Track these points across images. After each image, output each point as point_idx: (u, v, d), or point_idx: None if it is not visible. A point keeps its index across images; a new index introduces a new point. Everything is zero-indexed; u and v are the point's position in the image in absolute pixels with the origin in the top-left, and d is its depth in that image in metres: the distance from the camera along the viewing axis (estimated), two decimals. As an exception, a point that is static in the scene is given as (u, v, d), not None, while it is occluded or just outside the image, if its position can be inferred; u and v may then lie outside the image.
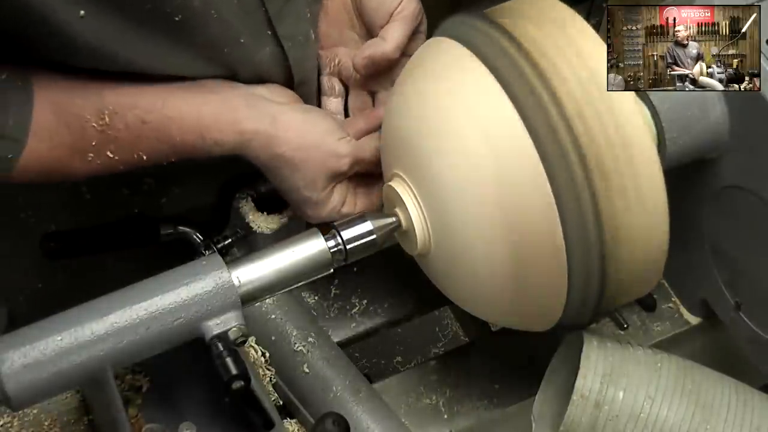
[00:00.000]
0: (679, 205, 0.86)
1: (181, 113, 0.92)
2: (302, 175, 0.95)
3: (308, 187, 0.96)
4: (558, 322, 0.91)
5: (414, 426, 1.05)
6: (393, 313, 1.18)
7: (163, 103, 0.92)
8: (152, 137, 0.92)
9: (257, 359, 1.03)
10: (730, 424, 0.90)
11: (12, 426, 0.98)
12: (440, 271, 0.95)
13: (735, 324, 1.04)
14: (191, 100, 0.93)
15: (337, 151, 0.96)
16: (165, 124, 0.92)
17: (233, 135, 0.93)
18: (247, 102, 0.95)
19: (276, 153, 0.94)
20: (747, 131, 0.93)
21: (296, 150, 0.94)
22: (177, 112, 0.92)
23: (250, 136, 0.93)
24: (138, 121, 0.91)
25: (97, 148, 0.91)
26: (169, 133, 0.92)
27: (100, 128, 0.90)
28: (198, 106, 0.93)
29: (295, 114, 0.96)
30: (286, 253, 0.88)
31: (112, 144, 0.91)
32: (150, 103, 0.91)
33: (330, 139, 0.96)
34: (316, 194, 0.96)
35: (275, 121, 0.94)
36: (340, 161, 0.96)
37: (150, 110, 0.91)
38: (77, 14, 0.83)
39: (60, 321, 0.81)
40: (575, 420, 0.91)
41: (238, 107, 0.94)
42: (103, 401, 0.85)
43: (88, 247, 1.05)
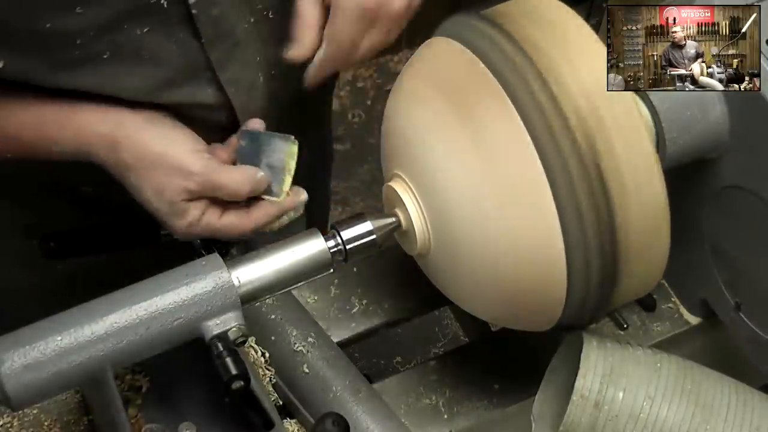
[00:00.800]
0: (679, 205, 0.86)
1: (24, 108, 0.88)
2: (148, 184, 0.89)
3: (156, 199, 0.89)
4: (558, 323, 0.91)
5: (414, 426, 1.05)
6: (393, 313, 1.18)
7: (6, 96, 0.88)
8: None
9: (257, 359, 1.03)
10: (730, 424, 0.90)
11: (12, 426, 0.98)
12: (440, 271, 0.95)
13: (735, 324, 1.04)
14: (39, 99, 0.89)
15: (184, 167, 0.88)
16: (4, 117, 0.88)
17: (72, 134, 0.89)
18: (96, 106, 0.90)
19: (120, 158, 0.88)
20: (747, 131, 0.93)
21: (139, 159, 0.88)
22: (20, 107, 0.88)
23: (90, 138, 0.89)
24: None
25: None
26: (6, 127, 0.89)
27: None
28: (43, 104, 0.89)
29: (145, 123, 0.90)
30: (286, 253, 0.88)
31: None
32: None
33: (178, 151, 0.89)
34: (167, 206, 0.89)
35: (120, 126, 0.89)
36: (187, 178, 0.88)
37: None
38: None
39: (60, 321, 0.81)
40: (575, 420, 0.91)
41: (83, 109, 0.89)
42: (103, 401, 0.85)
43: (88, 247, 1.05)
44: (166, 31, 0.86)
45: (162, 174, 0.88)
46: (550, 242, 0.84)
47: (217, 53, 0.91)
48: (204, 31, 0.88)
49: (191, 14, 0.86)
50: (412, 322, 1.24)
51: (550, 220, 0.83)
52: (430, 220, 0.91)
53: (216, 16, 0.88)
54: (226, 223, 0.90)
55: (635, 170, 0.84)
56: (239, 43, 0.91)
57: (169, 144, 0.89)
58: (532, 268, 0.85)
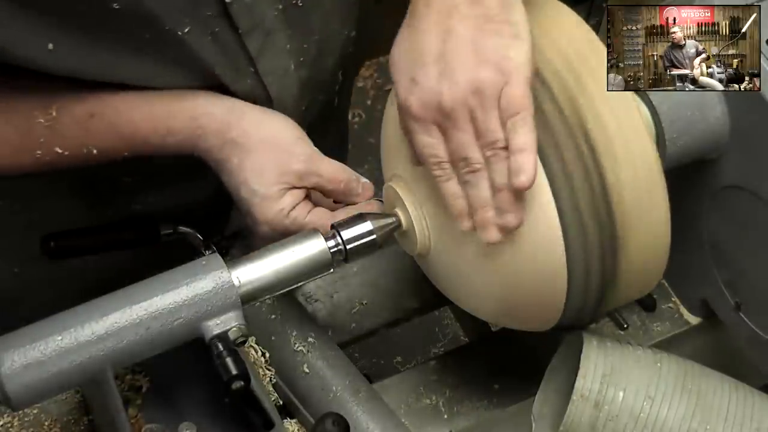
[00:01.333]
0: (679, 205, 0.86)
1: (132, 104, 0.90)
2: (251, 164, 0.90)
3: (256, 179, 0.90)
4: (558, 323, 0.91)
5: (414, 426, 1.05)
6: (393, 313, 1.18)
7: (112, 95, 0.90)
8: (101, 130, 0.90)
9: (257, 359, 1.03)
10: (730, 424, 0.90)
11: (12, 426, 0.98)
12: (440, 271, 0.95)
13: (735, 324, 1.04)
14: (144, 93, 0.90)
15: (292, 148, 0.91)
16: (114, 116, 0.90)
17: (186, 120, 0.90)
18: (204, 92, 0.92)
19: (228, 138, 0.90)
20: (747, 131, 0.93)
21: (248, 137, 0.90)
22: (127, 104, 0.90)
23: (203, 121, 0.90)
24: (86, 114, 0.89)
25: (45, 145, 0.89)
26: (119, 126, 0.90)
27: (48, 123, 0.88)
28: (151, 97, 0.90)
29: (255, 108, 0.93)
30: (286, 253, 0.88)
31: (60, 140, 0.89)
32: (100, 96, 0.89)
33: (286, 134, 0.92)
34: (264, 188, 0.90)
35: (232, 109, 0.91)
36: (292, 157, 0.91)
37: (99, 102, 0.89)
38: (46, 47, 0.82)
39: (60, 321, 0.81)
40: (575, 420, 0.91)
41: (193, 96, 0.91)
42: (103, 401, 0.85)
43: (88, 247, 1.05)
44: (203, 27, 0.87)
45: (269, 153, 0.90)
46: (550, 242, 0.83)
47: (254, 43, 0.91)
48: (240, 22, 0.88)
49: (225, 4, 0.86)
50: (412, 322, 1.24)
51: (551, 219, 0.83)
52: (430, 220, 0.91)
53: (249, 5, 0.87)
54: (312, 220, 0.92)
55: (635, 171, 0.84)
56: (270, 32, 0.91)
57: (278, 127, 0.92)
58: (532, 268, 0.85)
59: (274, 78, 0.95)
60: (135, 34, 0.84)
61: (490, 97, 0.79)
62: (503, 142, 0.79)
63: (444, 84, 0.79)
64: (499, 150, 0.79)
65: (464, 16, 0.79)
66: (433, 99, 0.79)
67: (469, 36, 0.79)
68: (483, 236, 0.83)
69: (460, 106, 0.79)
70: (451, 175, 0.82)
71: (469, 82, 0.78)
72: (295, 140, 0.92)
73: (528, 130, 0.79)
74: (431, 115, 0.80)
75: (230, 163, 0.91)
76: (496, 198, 0.81)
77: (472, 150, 0.80)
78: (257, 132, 0.91)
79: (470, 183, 0.81)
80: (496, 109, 0.79)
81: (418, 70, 0.80)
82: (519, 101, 0.78)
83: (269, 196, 0.90)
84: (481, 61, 0.78)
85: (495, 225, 0.82)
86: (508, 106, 0.79)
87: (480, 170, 0.81)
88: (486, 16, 0.79)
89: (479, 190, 0.81)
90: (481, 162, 0.80)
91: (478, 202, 0.82)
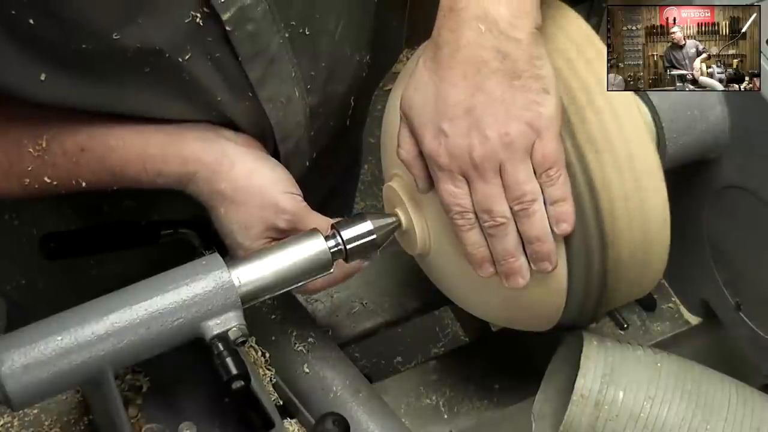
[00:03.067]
0: (679, 205, 0.86)
1: (125, 143, 0.90)
2: (237, 218, 0.91)
3: (241, 233, 0.92)
4: (558, 323, 0.91)
5: (414, 426, 1.05)
6: (393, 313, 1.18)
7: (107, 131, 0.90)
8: (92, 165, 0.90)
9: (257, 359, 1.03)
10: (730, 424, 0.90)
11: (12, 426, 0.98)
12: (440, 271, 0.95)
13: (735, 324, 1.04)
14: (139, 130, 0.91)
15: (278, 204, 0.91)
16: (106, 152, 0.90)
17: (177, 166, 0.91)
18: (199, 135, 0.92)
19: (216, 189, 0.91)
20: (747, 131, 0.93)
21: (236, 191, 0.91)
22: (120, 141, 0.90)
23: (194, 168, 0.91)
24: (77, 148, 0.89)
25: (33, 174, 0.90)
26: (110, 162, 0.90)
27: (37, 153, 0.89)
28: (146, 137, 0.90)
29: (247, 156, 0.92)
30: (286, 253, 0.87)
31: (50, 169, 0.90)
32: (92, 130, 0.89)
33: (275, 189, 0.92)
34: (248, 242, 0.92)
35: (223, 157, 0.91)
36: (278, 215, 0.91)
37: (91, 137, 0.89)
38: (37, 77, 0.82)
39: (60, 321, 0.81)
40: (575, 420, 0.91)
41: (187, 139, 0.91)
42: (103, 401, 0.85)
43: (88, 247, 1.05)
44: (203, 52, 0.86)
45: (254, 208, 0.91)
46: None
47: (256, 70, 0.90)
48: (240, 49, 0.87)
49: (226, 32, 0.86)
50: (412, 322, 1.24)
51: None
52: (430, 220, 0.91)
53: (251, 33, 0.87)
54: None
55: (636, 170, 0.84)
56: (274, 59, 0.90)
57: (268, 181, 0.92)
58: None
59: (275, 105, 0.94)
60: (134, 64, 0.84)
61: (520, 151, 0.79)
62: (533, 195, 0.80)
63: (474, 138, 0.79)
64: (527, 203, 0.81)
65: (493, 71, 0.79)
66: (463, 152, 0.80)
67: (499, 93, 0.79)
68: (509, 284, 0.84)
69: (490, 160, 0.79)
70: (474, 225, 0.83)
71: (500, 137, 0.79)
72: (283, 195, 0.92)
73: (563, 181, 0.80)
74: (459, 166, 0.81)
75: (217, 211, 0.92)
76: (530, 248, 0.82)
77: (497, 203, 0.81)
78: (246, 183, 0.91)
79: (495, 236, 0.83)
80: (525, 163, 0.80)
81: (446, 121, 0.80)
82: (552, 156, 0.80)
83: (253, 249, 0.91)
84: (512, 116, 0.79)
85: (520, 273, 0.84)
86: (542, 161, 0.80)
87: (504, 224, 0.82)
88: (515, 72, 0.79)
89: (504, 243, 0.83)
90: (505, 216, 0.81)
91: (502, 254, 0.83)
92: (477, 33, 0.79)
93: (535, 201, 0.81)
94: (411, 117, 0.83)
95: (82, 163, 0.90)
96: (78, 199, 1.00)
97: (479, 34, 0.79)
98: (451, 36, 0.79)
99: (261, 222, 0.91)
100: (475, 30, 0.79)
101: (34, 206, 1.07)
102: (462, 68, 0.79)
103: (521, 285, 0.84)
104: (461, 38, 0.79)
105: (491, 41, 0.78)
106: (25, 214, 1.09)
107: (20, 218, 1.09)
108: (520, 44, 0.78)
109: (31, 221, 1.08)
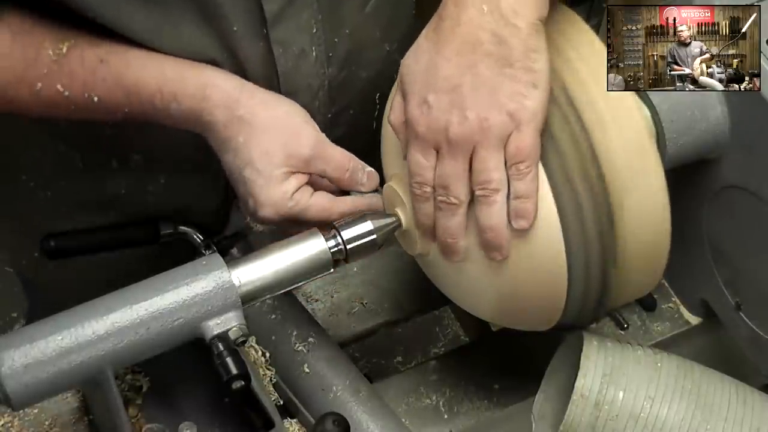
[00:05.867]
0: (679, 205, 0.86)
1: (144, 61, 0.89)
2: (258, 144, 0.90)
3: (263, 160, 0.90)
4: (558, 323, 0.91)
5: (414, 426, 1.05)
6: (393, 313, 1.18)
7: (127, 48, 0.89)
8: (107, 79, 0.89)
9: (257, 359, 1.03)
10: (730, 424, 0.90)
11: (12, 426, 0.98)
12: (440, 271, 0.95)
13: (735, 324, 1.04)
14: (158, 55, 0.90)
15: (301, 132, 0.91)
16: (123, 68, 0.89)
17: (194, 89, 0.89)
18: (217, 69, 0.91)
19: (236, 115, 0.89)
20: (747, 131, 0.93)
21: (257, 117, 0.90)
22: (139, 60, 0.89)
23: (212, 92, 0.89)
24: (96, 59, 0.88)
25: (47, 79, 0.88)
26: (126, 78, 0.89)
27: (55, 57, 0.88)
28: (163, 59, 0.90)
29: (264, 90, 0.92)
30: (286, 253, 0.87)
31: (65, 78, 0.88)
32: (113, 45, 0.89)
33: (296, 119, 0.92)
34: (270, 169, 0.90)
35: (242, 86, 0.91)
36: (301, 142, 0.90)
37: (112, 51, 0.88)
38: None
39: (60, 321, 0.81)
40: (575, 420, 0.91)
41: (206, 68, 0.91)
42: (103, 401, 0.85)
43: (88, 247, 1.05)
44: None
45: (276, 135, 0.90)
46: (550, 241, 0.83)
47: (272, 4, 0.90)
48: None
49: None
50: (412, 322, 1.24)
51: (551, 219, 0.83)
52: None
53: None
54: (315, 203, 0.91)
55: (635, 170, 0.84)
56: (294, 3, 0.90)
57: (286, 110, 0.91)
58: (532, 268, 0.85)
59: (286, 52, 0.93)
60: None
61: (495, 138, 0.79)
62: (497, 185, 0.81)
63: (455, 115, 0.79)
64: (490, 192, 0.81)
65: (487, 54, 0.79)
66: (440, 126, 0.80)
67: (487, 77, 0.79)
68: (447, 258, 0.87)
69: (464, 141, 0.80)
70: (429, 198, 0.84)
71: (479, 120, 0.79)
72: (303, 124, 0.92)
73: (531, 178, 0.80)
74: (434, 138, 0.81)
75: (236, 141, 0.90)
76: (482, 236, 0.83)
77: (457, 184, 0.82)
78: (266, 112, 0.90)
79: (443, 212, 0.84)
80: (498, 151, 0.80)
81: (432, 93, 0.80)
82: (526, 150, 0.80)
83: (274, 177, 0.90)
84: (495, 103, 0.79)
85: (456, 253, 0.86)
86: (515, 153, 0.80)
87: (456, 205, 0.83)
88: (508, 59, 0.79)
89: (449, 221, 0.84)
90: (459, 198, 0.82)
91: (444, 231, 0.85)
92: (479, 12, 0.79)
93: (499, 192, 0.81)
94: (404, 82, 0.83)
95: (98, 76, 0.89)
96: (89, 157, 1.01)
97: (481, 13, 0.79)
98: (454, 11, 0.80)
99: (283, 148, 0.90)
100: (478, 9, 0.79)
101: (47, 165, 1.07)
102: (458, 44, 0.80)
103: (456, 261, 0.86)
104: (463, 14, 0.79)
105: (491, 23, 0.79)
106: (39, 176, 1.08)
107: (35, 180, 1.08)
108: (519, 32, 0.79)
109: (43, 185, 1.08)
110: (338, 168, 0.93)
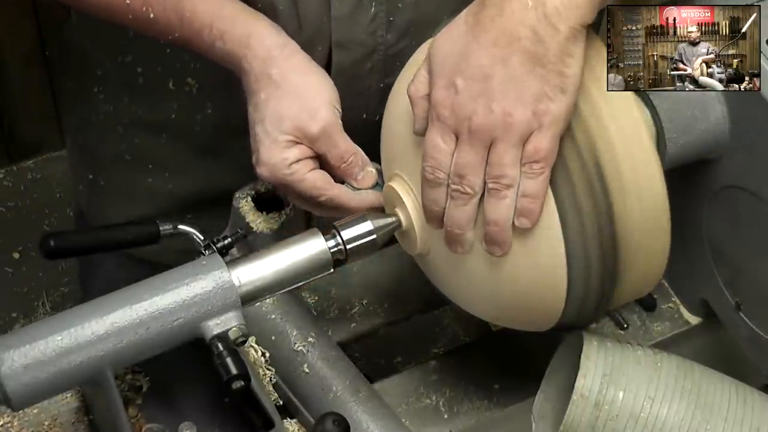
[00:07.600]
0: (679, 205, 0.86)
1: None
2: (274, 107, 0.93)
3: (273, 122, 0.93)
4: (558, 323, 0.91)
5: (414, 426, 1.05)
6: (393, 313, 1.18)
7: None
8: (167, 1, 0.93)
9: (257, 359, 1.02)
10: (730, 424, 0.90)
11: (12, 426, 0.98)
12: (440, 271, 0.95)
13: (735, 324, 1.04)
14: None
15: (319, 111, 0.93)
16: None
17: (241, 33, 0.93)
18: (272, 23, 0.95)
19: (267, 72, 0.93)
20: (747, 131, 0.93)
21: (284, 80, 0.93)
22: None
23: (254, 43, 0.93)
24: None
25: None
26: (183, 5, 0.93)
27: None
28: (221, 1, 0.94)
29: (305, 58, 0.95)
30: (286, 253, 0.88)
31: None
32: None
33: (321, 96, 0.94)
34: (276, 133, 0.93)
35: (285, 46, 0.93)
36: (313, 120, 0.93)
37: None
38: None
39: (60, 321, 0.81)
40: (575, 420, 0.91)
41: (260, 18, 0.94)
42: (103, 401, 0.85)
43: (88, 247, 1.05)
44: None
45: (295, 103, 0.92)
46: (550, 242, 0.83)
47: None
48: None
49: None
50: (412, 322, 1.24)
51: (551, 219, 0.83)
52: (430, 220, 0.91)
53: None
54: (310, 178, 0.93)
55: (635, 170, 0.84)
56: None
57: (317, 85, 0.93)
58: (532, 268, 0.85)
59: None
60: None
61: (516, 135, 0.80)
62: (510, 181, 0.81)
63: (480, 105, 0.80)
64: (502, 186, 0.81)
65: (523, 50, 0.79)
66: (465, 113, 0.80)
67: (519, 73, 0.79)
68: (449, 248, 0.86)
69: (486, 132, 0.80)
70: (441, 184, 0.84)
71: (503, 115, 0.79)
72: (326, 104, 0.93)
73: (542, 179, 0.81)
74: (456, 124, 0.81)
75: (258, 96, 0.93)
76: (486, 228, 0.83)
77: (473, 173, 0.82)
78: (297, 78, 0.93)
79: (455, 201, 0.83)
80: (516, 148, 0.80)
81: (462, 78, 0.80)
82: (543, 152, 0.80)
83: (278, 142, 0.92)
84: (522, 100, 0.79)
85: (461, 244, 0.85)
86: (533, 153, 0.80)
87: (470, 195, 0.82)
88: (542, 60, 0.79)
89: (460, 212, 0.83)
90: (473, 188, 0.82)
91: (451, 221, 0.84)
92: (523, 6, 0.79)
93: (510, 188, 0.81)
94: (434, 62, 0.83)
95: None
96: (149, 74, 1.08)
97: (525, 8, 0.79)
98: (499, 0, 0.80)
99: (295, 119, 0.92)
100: (523, 2, 0.79)
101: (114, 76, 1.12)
102: (496, 34, 0.80)
103: (459, 253, 0.86)
104: (506, 6, 0.79)
105: (532, 20, 0.79)
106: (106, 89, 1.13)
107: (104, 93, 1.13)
108: (558, 34, 0.79)
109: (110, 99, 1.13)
110: (338, 156, 0.94)
